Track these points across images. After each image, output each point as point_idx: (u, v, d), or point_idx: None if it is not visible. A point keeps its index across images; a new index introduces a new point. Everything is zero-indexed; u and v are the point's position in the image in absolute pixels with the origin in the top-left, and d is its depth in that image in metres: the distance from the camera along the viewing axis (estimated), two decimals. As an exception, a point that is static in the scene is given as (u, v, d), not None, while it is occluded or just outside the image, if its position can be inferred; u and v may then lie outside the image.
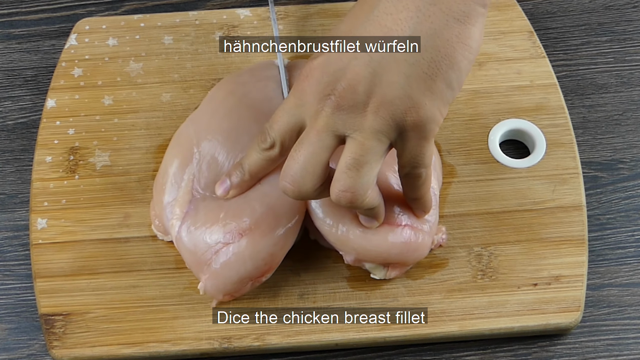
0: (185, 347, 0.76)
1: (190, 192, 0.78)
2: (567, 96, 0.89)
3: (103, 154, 0.85)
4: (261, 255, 0.75)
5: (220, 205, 0.76)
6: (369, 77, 0.65)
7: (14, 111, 0.89)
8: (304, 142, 0.68)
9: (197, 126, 0.81)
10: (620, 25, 0.94)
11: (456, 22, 0.65)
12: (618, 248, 0.82)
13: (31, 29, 0.94)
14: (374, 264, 0.77)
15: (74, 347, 0.76)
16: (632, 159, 0.87)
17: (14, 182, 0.86)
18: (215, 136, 0.79)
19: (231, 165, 0.78)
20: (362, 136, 0.66)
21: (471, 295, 0.78)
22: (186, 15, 0.92)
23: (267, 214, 0.75)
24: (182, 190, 0.78)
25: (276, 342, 0.76)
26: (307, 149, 0.68)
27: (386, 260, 0.76)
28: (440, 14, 0.65)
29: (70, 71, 0.89)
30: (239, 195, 0.76)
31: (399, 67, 0.65)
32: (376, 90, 0.65)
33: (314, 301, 0.78)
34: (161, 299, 0.78)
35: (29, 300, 0.80)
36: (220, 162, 0.79)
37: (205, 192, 0.78)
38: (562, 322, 0.77)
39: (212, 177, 0.78)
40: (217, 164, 0.79)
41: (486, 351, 0.78)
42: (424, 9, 0.65)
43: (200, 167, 0.79)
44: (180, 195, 0.78)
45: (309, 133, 0.68)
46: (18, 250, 0.82)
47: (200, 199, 0.77)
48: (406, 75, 0.65)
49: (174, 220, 0.77)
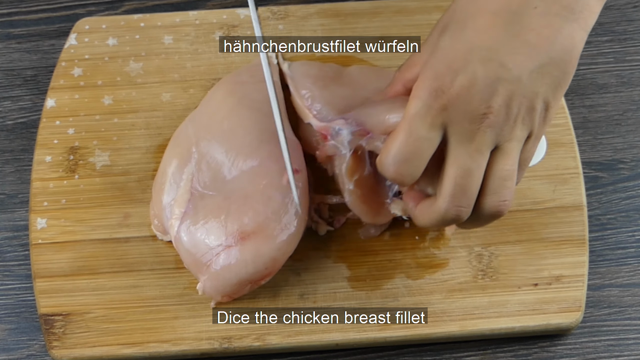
0: (185, 347, 0.76)
1: (189, 191, 0.78)
2: (567, 96, 0.89)
3: (103, 153, 0.85)
4: (263, 260, 0.74)
5: (220, 206, 0.76)
6: (520, 96, 0.66)
7: (13, 111, 0.89)
8: (461, 162, 0.66)
9: (196, 126, 0.81)
10: (620, 25, 0.94)
11: (582, 31, 0.67)
12: (618, 248, 0.82)
13: (31, 29, 0.94)
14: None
15: (74, 347, 0.76)
16: (633, 159, 0.87)
17: (13, 182, 0.86)
18: (215, 136, 0.79)
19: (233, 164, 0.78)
20: (514, 145, 0.67)
21: (472, 295, 0.78)
22: (186, 15, 0.92)
23: (271, 219, 0.75)
24: (181, 189, 0.78)
25: (276, 342, 0.76)
26: (467, 169, 0.66)
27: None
28: (578, 29, 0.67)
29: (70, 71, 0.89)
30: (242, 196, 0.76)
31: (541, 81, 0.66)
32: (523, 102, 0.66)
33: (314, 301, 0.78)
34: (161, 299, 0.78)
35: (28, 300, 0.80)
36: (219, 162, 0.78)
37: (205, 191, 0.77)
38: (562, 323, 0.77)
39: (211, 176, 0.78)
40: (217, 163, 0.78)
41: (487, 351, 0.78)
42: (566, 25, 0.66)
43: (200, 166, 0.78)
44: (179, 195, 0.77)
45: (464, 153, 0.66)
46: (18, 251, 0.82)
47: (199, 198, 0.77)
48: (545, 87, 0.66)
49: (173, 220, 0.77)
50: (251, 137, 0.78)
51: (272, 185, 0.76)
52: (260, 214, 0.75)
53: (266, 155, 0.78)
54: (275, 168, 0.77)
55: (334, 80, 0.84)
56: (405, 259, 0.80)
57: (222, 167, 0.78)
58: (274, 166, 0.77)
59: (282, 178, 0.75)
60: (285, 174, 0.76)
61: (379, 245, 0.80)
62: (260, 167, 0.77)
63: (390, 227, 0.81)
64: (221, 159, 0.79)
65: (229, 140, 0.79)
